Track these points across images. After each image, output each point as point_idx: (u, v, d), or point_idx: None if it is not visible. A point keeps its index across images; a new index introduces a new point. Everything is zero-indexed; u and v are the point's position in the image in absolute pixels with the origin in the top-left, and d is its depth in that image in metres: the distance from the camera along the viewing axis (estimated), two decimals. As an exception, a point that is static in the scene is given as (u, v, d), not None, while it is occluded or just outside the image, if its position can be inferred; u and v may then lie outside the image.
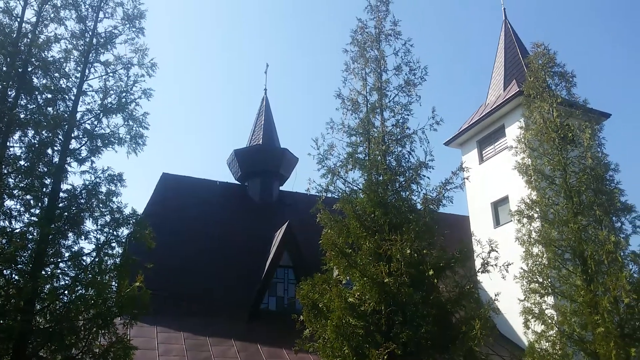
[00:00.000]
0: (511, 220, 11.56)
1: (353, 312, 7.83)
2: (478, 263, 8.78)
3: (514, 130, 14.26)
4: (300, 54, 69.52)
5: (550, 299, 10.51)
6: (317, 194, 9.01)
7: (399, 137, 9.10)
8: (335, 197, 9.12)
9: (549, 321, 10.27)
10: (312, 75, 69.07)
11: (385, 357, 7.17)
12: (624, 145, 53.58)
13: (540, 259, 10.59)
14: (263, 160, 21.70)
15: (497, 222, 20.25)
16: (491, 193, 20.55)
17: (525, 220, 11.04)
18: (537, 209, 11.01)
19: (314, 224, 9.01)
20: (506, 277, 9.82)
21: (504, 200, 19.82)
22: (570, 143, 11.43)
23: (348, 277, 8.36)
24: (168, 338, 15.72)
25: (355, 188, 8.91)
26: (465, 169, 8.78)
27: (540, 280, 10.47)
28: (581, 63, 56.84)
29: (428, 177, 8.83)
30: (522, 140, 11.72)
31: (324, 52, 68.51)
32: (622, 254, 10.17)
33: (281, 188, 22.55)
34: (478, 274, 8.64)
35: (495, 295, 8.90)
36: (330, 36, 70.98)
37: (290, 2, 67.12)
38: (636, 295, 9.71)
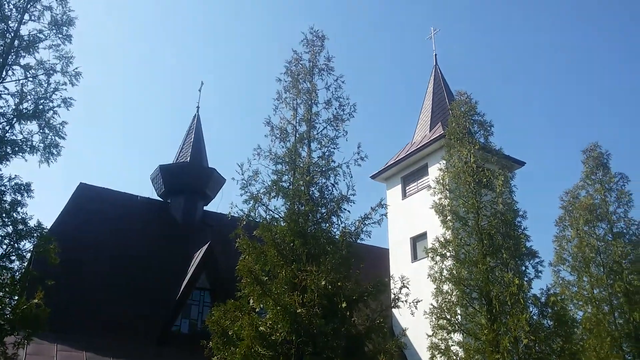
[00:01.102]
0: (427, 257, 12.00)
1: (263, 342, 7.76)
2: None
3: (436, 170, 14.91)
4: (237, 77, 69.44)
5: (456, 336, 10.90)
6: (240, 217, 8.95)
7: (324, 169, 9.26)
8: (258, 222, 9.10)
9: (454, 357, 10.64)
10: (248, 99, 69.04)
11: (292, 389, 7.13)
12: (534, 193, 57.24)
13: (449, 297, 11.01)
14: (189, 178, 21.27)
15: (414, 257, 20.88)
16: (411, 228, 21.22)
17: (438, 258, 11.48)
18: (450, 248, 11.49)
19: (237, 247, 8.93)
20: (420, 312, 10.15)
21: (423, 236, 20.52)
22: (484, 187, 12.08)
23: (262, 305, 8.30)
24: (68, 357, 14.83)
25: (276, 216, 8.93)
26: (384, 206, 9.05)
27: (449, 317, 10.86)
28: (507, 114, 60.58)
29: (349, 211, 9.03)
30: (441, 181, 12.27)
31: (262, 78, 68.87)
32: (524, 296, 10.74)
33: (206, 208, 22.13)
34: (394, 309, 8.84)
35: (403, 330, 9.15)
36: (269, 63, 71.51)
37: (233, 24, 67.21)
38: (534, 337, 10.27)
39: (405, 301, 8.43)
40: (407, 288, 8.55)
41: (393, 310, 19.39)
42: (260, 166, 9.07)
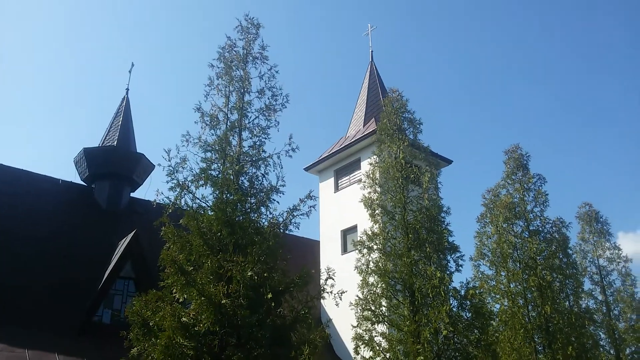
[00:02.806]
0: (356, 250, 12.20)
1: (186, 332, 7.60)
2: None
3: (367, 165, 15.17)
4: (170, 60, 67.41)
5: (380, 327, 11.16)
6: (164, 206, 8.70)
7: (254, 158, 9.16)
8: (185, 210, 8.88)
9: (377, 348, 10.89)
10: (181, 84, 67.22)
11: (213, 380, 7.04)
12: (459, 190, 59.65)
13: (375, 289, 11.25)
14: (115, 163, 20.45)
15: (344, 249, 21.20)
16: (342, 221, 21.52)
17: (365, 250, 11.69)
18: (377, 241, 11.73)
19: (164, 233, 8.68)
20: (347, 301, 10.31)
21: (353, 229, 20.85)
22: (412, 183, 12.41)
23: (185, 296, 8.12)
24: (-25, 350, 13.95)
25: (204, 205, 8.75)
26: (314, 198, 9.09)
27: (373, 308, 11.10)
28: (438, 113, 62.51)
29: (278, 202, 9.00)
30: (371, 176, 12.49)
31: (195, 63, 67.24)
32: (445, 289, 11.13)
33: (133, 195, 21.37)
34: (321, 299, 8.92)
35: (328, 321, 9.27)
36: (204, 48, 69.92)
37: (168, 4, 65.10)
38: (453, 328, 10.69)
39: (331, 292, 8.53)
40: (333, 279, 8.65)
41: (321, 302, 19.62)
42: (189, 153, 8.86)
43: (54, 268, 17.47)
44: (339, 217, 21.75)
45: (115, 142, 20.96)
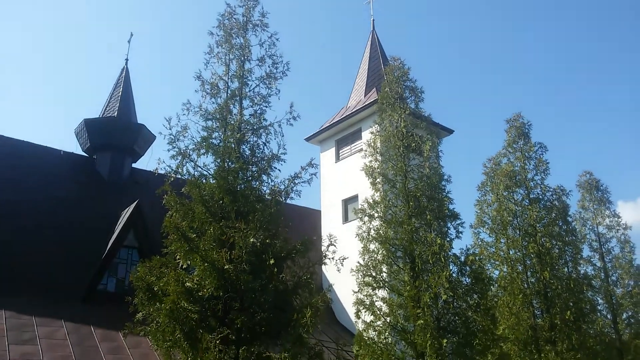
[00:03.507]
0: (358, 218, 12.31)
1: (190, 297, 7.76)
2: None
3: (369, 134, 15.18)
4: (170, 30, 66.62)
5: (380, 292, 11.36)
6: (167, 174, 8.76)
7: (255, 127, 9.17)
8: (187, 179, 8.95)
9: (378, 312, 11.10)
10: (180, 54, 66.56)
11: (218, 341, 7.21)
12: (460, 160, 59.63)
13: (375, 255, 11.40)
14: (116, 133, 20.44)
15: (345, 219, 21.36)
16: (343, 191, 21.63)
17: (366, 218, 11.80)
18: (378, 209, 11.83)
19: (166, 206, 8.76)
20: (348, 268, 10.48)
21: (354, 198, 20.97)
22: (413, 152, 12.44)
23: (189, 262, 8.26)
24: (-15, 317, 14.23)
25: (205, 173, 8.81)
26: (315, 165, 9.14)
27: (374, 274, 11.27)
28: (440, 83, 62.03)
29: (279, 170, 9.04)
30: (372, 144, 12.51)
31: (194, 32, 66.44)
32: (445, 255, 11.29)
33: (134, 165, 21.44)
34: (323, 265, 9.07)
35: (329, 286, 9.45)
36: (205, 15, 68.98)
37: (167, -28, 64.00)
38: (453, 293, 10.88)
39: (332, 258, 8.66)
40: (335, 246, 8.77)
41: (322, 269, 19.88)
42: (190, 122, 8.87)
43: (58, 238, 17.68)
44: (340, 187, 21.86)
45: (116, 113, 20.92)
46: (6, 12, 56.07)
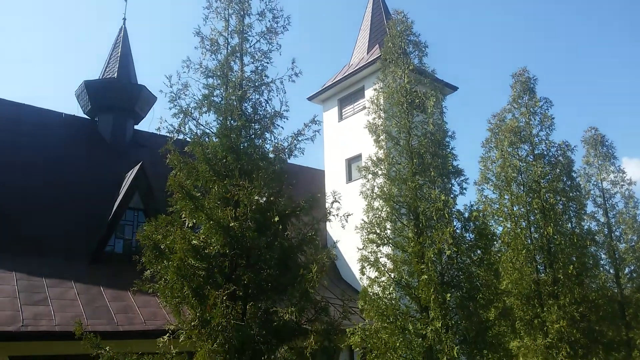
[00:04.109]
0: (362, 177, 12.28)
1: (196, 254, 7.83)
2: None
3: (372, 93, 15.03)
4: (169, -12, 65.15)
5: (385, 249, 11.45)
6: (168, 134, 8.69)
7: (257, 84, 9.04)
8: (189, 139, 8.90)
9: (382, 268, 11.22)
10: (178, 11, 65.31)
11: (225, 297, 7.32)
12: (463, 118, 59.16)
13: (379, 212, 11.43)
14: (117, 95, 20.29)
15: (349, 178, 21.39)
16: (346, 150, 21.58)
17: (370, 176, 11.78)
18: (382, 167, 11.79)
19: (170, 167, 8.74)
20: (352, 227, 10.54)
21: (358, 157, 20.94)
22: (416, 108, 12.30)
23: (194, 221, 8.30)
24: (-4, 279, 14.50)
25: (208, 131, 8.74)
26: (318, 122, 9.04)
27: (378, 231, 11.33)
28: (445, 40, 60.87)
29: (282, 127, 8.96)
30: (375, 101, 12.37)
31: (196, -10, 64.96)
32: (449, 211, 11.30)
33: (136, 127, 21.37)
34: (327, 223, 9.10)
35: (335, 242, 9.51)
36: (204, -27, 67.21)
37: None
38: (456, 249, 10.95)
39: (337, 215, 8.68)
40: (339, 202, 8.78)
41: (327, 228, 19.97)
42: (190, 79, 8.73)
43: (63, 201, 17.80)
44: (343, 146, 21.80)
45: (116, 74, 20.71)
46: (0, -27, 54.87)
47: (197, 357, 6.86)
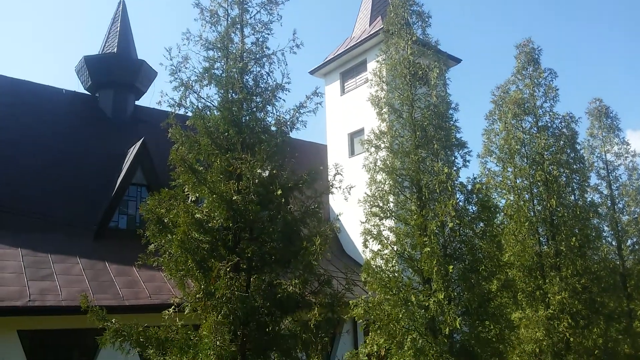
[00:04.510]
0: (364, 151, 12.22)
1: (200, 228, 7.85)
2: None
3: (374, 65, 14.87)
4: (168, -39, 64.05)
5: (388, 222, 11.45)
6: (169, 108, 8.64)
7: (258, 56, 8.92)
8: (190, 113, 8.84)
9: (385, 241, 11.23)
10: (180, -14, 64.30)
11: (229, 269, 7.36)
12: (467, 91, 58.67)
13: (382, 186, 11.40)
14: (117, 70, 20.16)
15: (352, 152, 21.34)
16: (349, 124, 21.48)
17: (373, 149, 11.72)
18: (385, 140, 11.72)
19: (172, 142, 8.70)
20: (354, 201, 10.52)
21: (360, 131, 20.85)
22: (419, 80, 12.16)
23: (197, 195, 8.30)
24: (3, 255, 14.66)
25: (209, 104, 8.67)
26: (320, 94, 8.95)
27: (381, 204, 11.31)
28: (447, 12, 59.93)
29: (284, 100, 8.88)
30: (378, 74, 12.23)
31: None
32: (452, 184, 11.26)
33: (137, 103, 21.27)
34: (329, 197, 9.11)
35: (337, 215, 9.52)
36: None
37: None
38: (459, 221, 10.94)
39: (340, 187, 8.66)
40: (341, 175, 8.75)
41: (329, 202, 19.99)
42: (191, 52, 8.62)
43: (66, 178, 17.84)
44: (345, 120, 21.69)
45: (115, 49, 20.53)
46: (-5, -53, 53.99)
47: (203, 328, 6.93)
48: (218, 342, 6.65)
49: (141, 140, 17.69)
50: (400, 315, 10.56)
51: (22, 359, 13.12)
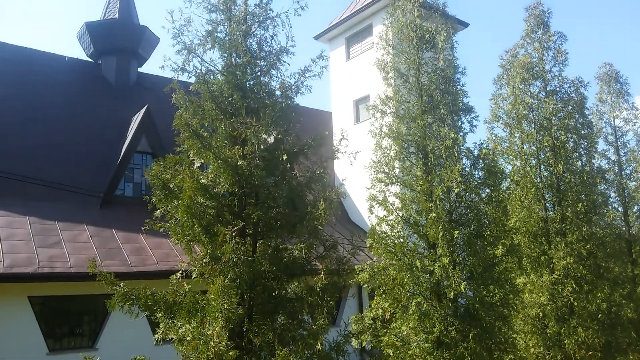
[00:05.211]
0: (370, 118, 12.10)
1: (206, 193, 7.84)
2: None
3: (380, 29, 14.60)
4: None
5: (393, 188, 11.42)
6: (173, 72, 8.53)
7: (261, 18, 8.74)
8: (193, 77, 8.72)
9: (390, 207, 11.22)
10: (181, -50, 62.93)
11: (235, 234, 7.38)
12: (475, 54, 57.75)
13: (388, 151, 11.32)
14: (119, 36, 19.91)
15: (357, 119, 21.18)
16: (354, 91, 21.25)
17: (378, 114, 11.59)
18: (391, 105, 11.58)
19: (176, 109, 8.63)
20: (359, 169, 10.46)
21: (366, 98, 20.65)
22: (426, 44, 11.93)
23: (202, 160, 8.27)
24: (11, 222, 14.79)
25: (212, 68, 8.55)
26: (325, 58, 8.80)
27: (387, 170, 11.26)
28: (451, -28, 58.48)
29: (288, 64, 8.74)
30: (384, 37, 12.00)
31: None
32: (458, 149, 11.16)
33: (140, 70, 21.09)
34: (334, 163, 9.06)
35: (342, 180, 9.49)
36: None
37: None
38: (465, 186, 10.90)
39: (345, 152, 8.61)
40: (347, 140, 8.68)
41: (333, 168, 19.94)
42: (193, 15, 8.45)
43: (72, 146, 17.84)
44: (351, 87, 21.46)
45: (117, 15, 20.23)
46: None
47: (211, 291, 7.00)
48: (225, 305, 6.72)
49: (145, 107, 17.60)
50: (406, 280, 10.62)
51: (34, 324, 13.38)
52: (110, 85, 20.07)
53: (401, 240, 11.04)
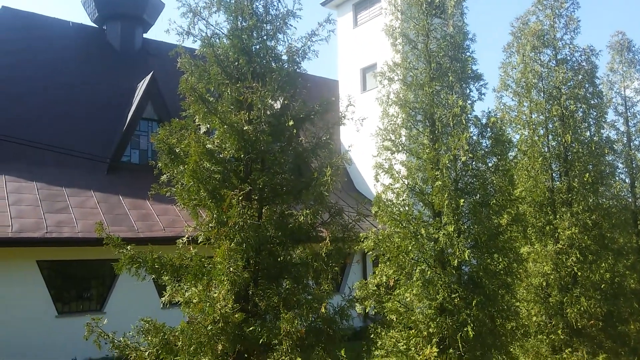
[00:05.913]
0: (377, 86, 11.94)
1: (211, 158, 7.84)
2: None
3: (388, -6, 14.32)
4: None
5: (399, 156, 11.36)
6: (178, 36, 8.41)
7: (267, -20, 8.59)
8: (199, 41, 8.61)
9: (396, 175, 11.18)
10: None
11: (241, 198, 7.40)
12: (485, 22, 56.71)
13: (395, 119, 11.21)
14: (124, 1, 19.66)
15: (364, 88, 20.99)
16: (361, 59, 21.00)
17: (386, 82, 11.44)
18: (398, 72, 11.42)
19: (181, 75, 8.55)
20: (365, 139, 10.38)
21: (373, 66, 20.41)
22: (436, 9, 11.70)
23: (208, 125, 8.23)
24: (19, 188, 14.91)
25: (218, 32, 8.43)
26: (332, 21, 8.65)
27: (393, 138, 11.17)
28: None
29: (295, 27, 8.60)
30: (392, 2, 11.77)
31: None
32: (466, 117, 11.04)
33: (145, 36, 20.88)
34: (340, 130, 9.00)
35: (349, 147, 9.45)
36: None
37: None
38: (472, 155, 10.82)
39: (352, 118, 8.55)
40: (353, 106, 8.61)
41: (340, 138, 19.88)
42: (199, -23, 8.29)
43: (78, 112, 17.82)
44: (358, 55, 21.20)
45: (121, -21, 19.94)
46: None
47: (217, 255, 7.06)
48: (231, 269, 6.78)
49: (150, 74, 17.48)
50: (410, 248, 10.66)
51: (43, 288, 13.62)
52: (115, 51, 19.90)
53: (406, 208, 11.02)
